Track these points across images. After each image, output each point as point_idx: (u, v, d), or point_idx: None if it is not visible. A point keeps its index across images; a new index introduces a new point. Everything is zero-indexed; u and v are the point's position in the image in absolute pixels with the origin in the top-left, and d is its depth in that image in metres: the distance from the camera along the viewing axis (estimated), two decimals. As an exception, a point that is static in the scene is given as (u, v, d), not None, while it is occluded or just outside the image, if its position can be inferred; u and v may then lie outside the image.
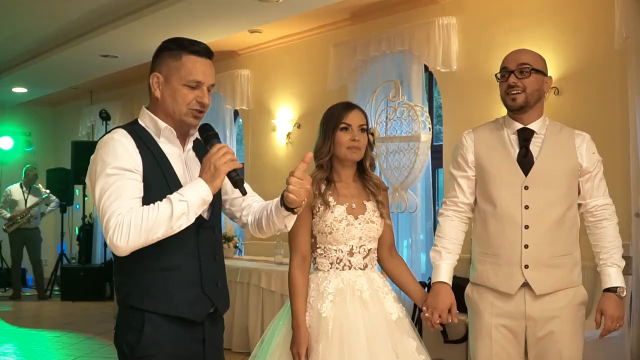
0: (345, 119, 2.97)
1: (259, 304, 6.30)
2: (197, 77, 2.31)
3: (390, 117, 5.73)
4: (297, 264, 2.92)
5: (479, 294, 2.99)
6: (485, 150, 2.99)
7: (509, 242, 2.89)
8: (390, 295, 2.96)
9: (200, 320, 2.37)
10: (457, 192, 3.05)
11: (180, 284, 2.29)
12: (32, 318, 8.90)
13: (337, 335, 2.78)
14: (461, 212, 3.06)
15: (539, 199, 2.87)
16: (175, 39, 2.37)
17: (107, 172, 2.19)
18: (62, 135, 12.48)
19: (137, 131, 2.33)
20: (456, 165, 3.06)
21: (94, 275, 10.23)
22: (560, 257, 2.90)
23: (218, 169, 2.20)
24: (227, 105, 8.56)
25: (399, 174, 5.66)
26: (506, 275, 2.90)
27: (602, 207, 3.00)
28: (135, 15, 6.80)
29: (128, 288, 2.31)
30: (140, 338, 2.27)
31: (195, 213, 2.18)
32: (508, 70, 2.91)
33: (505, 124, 3.00)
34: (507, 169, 2.92)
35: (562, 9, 5.46)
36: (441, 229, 3.06)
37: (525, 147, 2.92)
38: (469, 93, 6.10)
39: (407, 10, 6.51)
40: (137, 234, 2.12)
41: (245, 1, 6.18)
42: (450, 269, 3.01)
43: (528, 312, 2.88)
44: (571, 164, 2.92)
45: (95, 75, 9.64)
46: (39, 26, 7.65)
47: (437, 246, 3.04)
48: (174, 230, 2.16)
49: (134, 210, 2.14)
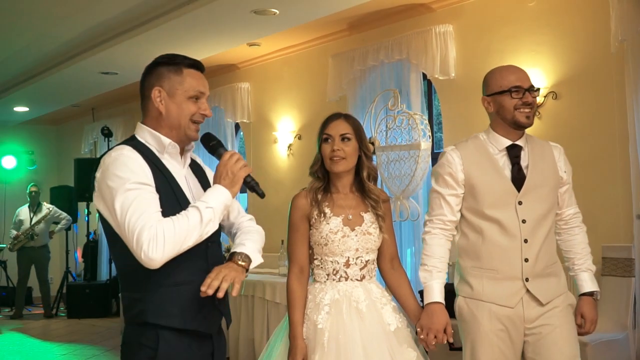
0: (326, 129, 2.99)
1: (264, 317, 6.30)
2: (201, 89, 2.37)
3: (390, 126, 5.75)
4: (294, 275, 2.93)
5: (475, 305, 2.95)
6: (474, 168, 2.97)
7: (509, 256, 2.89)
8: (389, 305, 2.95)
9: (215, 333, 2.41)
10: (445, 209, 3.01)
11: (194, 298, 2.30)
12: (39, 336, 8.90)
13: (334, 347, 2.78)
14: (447, 229, 3.03)
15: (533, 213, 2.90)
16: (170, 54, 2.41)
17: (127, 187, 2.17)
18: (65, 153, 12.53)
19: (140, 147, 2.33)
20: (443, 183, 3.02)
21: (100, 292, 10.25)
22: (551, 267, 2.96)
23: (236, 174, 2.29)
24: (228, 118, 8.59)
25: (400, 182, 5.68)
26: (507, 289, 2.89)
27: (574, 216, 3.10)
28: (134, 32, 6.84)
29: (143, 304, 2.29)
30: (156, 356, 2.26)
31: (219, 219, 2.27)
32: (522, 88, 2.92)
33: (489, 140, 3.00)
34: (500, 186, 2.92)
35: (558, 14, 5.48)
36: (429, 247, 3.02)
37: (517, 163, 2.94)
38: (468, 100, 6.11)
39: (404, 19, 6.54)
40: (171, 244, 2.14)
41: (243, 15, 6.22)
42: (442, 288, 2.98)
43: (526, 316, 2.89)
44: (555, 176, 3.00)
45: (96, 92, 9.70)
46: (38, 45, 7.70)
47: (427, 265, 2.99)
48: (203, 236, 2.22)
49: (163, 221, 2.15)
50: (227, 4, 5.95)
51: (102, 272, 10.95)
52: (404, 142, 5.78)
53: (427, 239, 3.04)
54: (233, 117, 8.50)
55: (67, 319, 10.13)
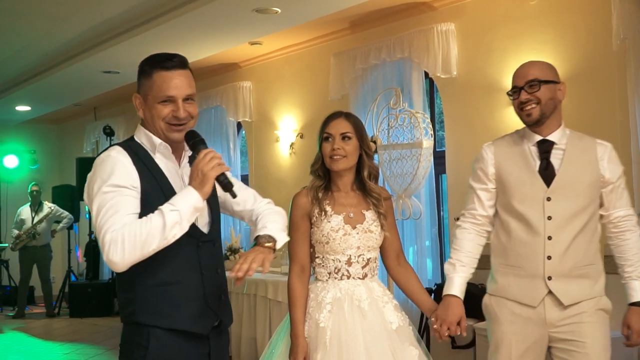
0: (326, 128, 3.00)
1: (266, 315, 6.31)
2: (168, 93, 2.30)
3: (392, 124, 5.74)
4: (296, 274, 2.93)
5: (498, 303, 2.96)
6: (505, 163, 2.97)
7: (532, 253, 2.87)
8: (390, 304, 2.95)
9: (206, 334, 2.37)
10: (476, 204, 3.03)
11: (184, 298, 2.31)
12: (42, 335, 8.92)
13: (335, 345, 2.78)
14: (479, 224, 3.04)
15: (562, 210, 2.84)
16: (149, 57, 2.37)
17: (104, 190, 2.21)
18: (67, 152, 12.55)
19: (134, 147, 2.35)
20: (476, 177, 3.05)
21: (102, 291, 10.26)
22: (583, 268, 2.87)
23: (206, 174, 2.19)
24: (229, 117, 8.59)
25: (402, 181, 5.67)
26: (529, 287, 2.87)
27: (625, 218, 2.96)
28: (135, 31, 6.85)
29: (133, 304, 2.32)
30: (146, 354, 2.27)
31: (189, 221, 2.19)
32: (518, 87, 2.91)
33: (525, 136, 2.98)
34: (528, 181, 2.90)
35: (560, 12, 5.47)
36: (458, 241, 3.04)
37: (546, 159, 2.90)
38: (470, 98, 6.11)
39: (405, 18, 6.54)
40: (131, 249, 2.12)
41: (244, 13, 6.21)
42: (463, 282, 2.99)
43: (548, 319, 2.86)
44: (593, 175, 2.90)
45: (98, 91, 9.70)
46: (39, 45, 7.71)
47: (452, 259, 3.03)
48: (169, 240, 2.16)
49: (127, 225, 2.14)
50: (228, 3, 5.95)
51: (104, 272, 10.96)
52: (405, 140, 5.77)
53: (457, 232, 3.07)
54: (235, 116, 8.50)
55: (69, 318, 10.15)
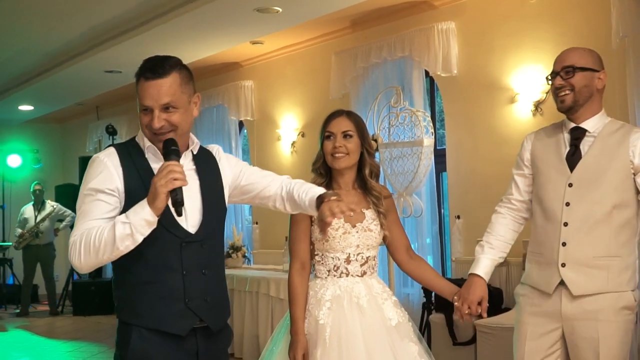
0: (328, 127, 3.01)
1: (268, 312, 6.33)
2: (144, 102, 2.28)
3: (393, 123, 5.75)
4: (296, 271, 2.94)
5: (524, 291, 2.96)
6: (540, 149, 2.97)
7: (549, 239, 2.85)
8: (389, 300, 2.96)
9: (184, 334, 2.33)
10: (513, 189, 3.04)
11: (162, 298, 2.30)
12: (45, 333, 8.94)
13: (335, 342, 2.79)
14: (514, 209, 3.04)
15: (582, 197, 2.79)
16: (142, 62, 2.33)
17: (84, 193, 2.28)
18: (70, 151, 12.57)
19: (130, 147, 2.37)
20: (516, 164, 3.06)
21: (105, 290, 10.27)
22: (604, 259, 2.77)
23: (156, 189, 2.14)
24: (231, 116, 8.61)
25: (403, 179, 5.67)
26: (546, 274, 2.85)
27: None
28: (137, 30, 6.87)
29: (119, 302, 2.38)
30: (128, 351, 2.29)
31: (142, 234, 2.16)
32: (554, 72, 2.88)
33: (563, 124, 2.95)
34: (555, 166, 2.88)
35: (560, 11, 5.49)
36: (491, 225, 3.05)
37: (575, 145, 2.86)
38: (470, 96, 6.13)
39: (406, 17, 6.55)
40: (87, 255, 2.19)
41: (246, 13, 6.23)
42: (490, 264, 2.98)
43: (564, 312, 2.80)
44: (621, 161, 2.78)
45: (100, 90, 9.72)
46: (42, 44, 7.73)
47: (483, 241, 3.04)
48: (122, 250, 2.17)
49: (87, 231, 2.20)
50: (230, 3, 5.97)
51: (107, 270, 10.97)
52: (406, 138, 5.78)
53: (493, 216, 3.07)
54: (237, 115, 8.52)
55: (73, 317, 10.18)
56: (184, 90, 2.31)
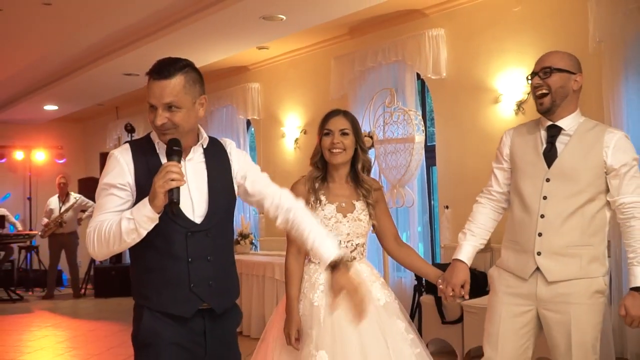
0: (326, 124, 3.03)
1: (273, 294, 6.35)
2: (150, 100, 2.25)
3: (387, 121, 5.76)
4: (292, 254, 2.96)
5: (499, 273, 2.97)
6: (519, 145, 2.96)
7: (526, 230, 2.85)
8: (378, 282, 2.99)
9: (189, 316, 2.32)
10: (493, 182, 3.04)
11: (167, 283, 2.30)
12: (69, 314, 8.97)
13: (329, 322, 2.80)
14: (494, 200, 3.04)
15: (558, 191, 2.79)
16: (153, 64, 2.30)
17: (100, 187, 2.29)
18: (91, 147, 12.58)
19: (144, 143, 2.36)
20: (495, 158, 3.06)
21: (125, 274, 10.28)
22: (576, 247, 2.78)
23: (155, 189, 2.12)
24: (239, 115, 8.62)
25: (396, 172, 5.69)
26: (522, 261, 2.86)
27: (630, 205, 2.75)
28: (153, 36, 6.88)
29: (133, 285, 2.40)
30: (140, 328, 2.33)
31: (145, 229, 2.17)
32: (534, 72, 2.87)
33: (540, 122, 2.94)
34: (532, 162, 2.88)
35: (541, 18, 5.49)
36: (472, 214, 3.06)
37: (551, 142, 2.85)
38: (458, 97, 6.14)
39: (399, 24, 6.56)
40: (100, 245, 2.23)
41: (252, 21, 6.24)
42: (471, 250, 3.00)
43: (539, 295, 2.81)
44: (595, 161, 2.77)
45: (119, 92, 9.72)
46: (65, 49, 7.73)
47: (465, 229, 3.05)
48: (129, 242, 2.20)
49: (100, 223, 2.22)
50: (238, 11, 5.98)
51: (126, 256, 10.99)
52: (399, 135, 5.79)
53: (474, 206, 3.08)
54: (244, 114, 8.54)
55: (95, 299, 10.20)
56: (187, 92, 2.26)
